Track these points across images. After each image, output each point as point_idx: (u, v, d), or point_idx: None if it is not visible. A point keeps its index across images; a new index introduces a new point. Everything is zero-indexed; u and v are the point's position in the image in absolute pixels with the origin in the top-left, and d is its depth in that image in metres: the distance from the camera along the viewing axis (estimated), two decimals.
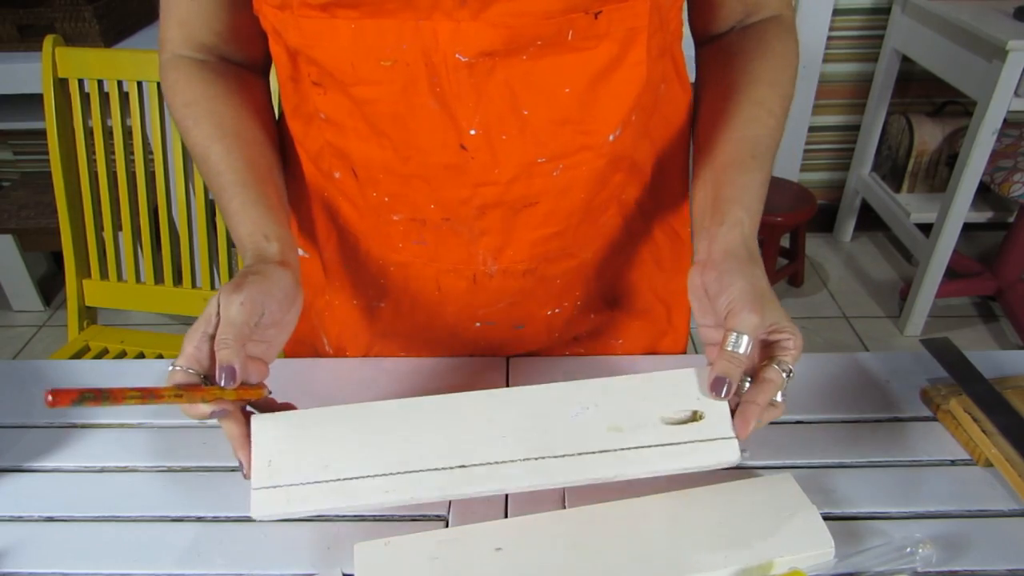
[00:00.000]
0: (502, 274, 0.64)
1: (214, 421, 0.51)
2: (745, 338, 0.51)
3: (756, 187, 0.58)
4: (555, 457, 0.51)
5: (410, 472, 0.50)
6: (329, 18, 0.52)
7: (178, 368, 0.49)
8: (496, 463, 0.51)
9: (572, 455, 0.51)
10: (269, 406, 0.54)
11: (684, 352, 0.81)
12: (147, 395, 0.46)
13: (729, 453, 0.51)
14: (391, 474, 0.50)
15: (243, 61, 0.66)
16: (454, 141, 0.56)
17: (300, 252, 0.69)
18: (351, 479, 0.50)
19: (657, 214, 0.72)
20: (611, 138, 0.58)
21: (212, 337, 0.50)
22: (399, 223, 0.62)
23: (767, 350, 0.54)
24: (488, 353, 0.74)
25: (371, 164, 0.59)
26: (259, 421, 0.51)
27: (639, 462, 0.51)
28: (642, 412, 0.53)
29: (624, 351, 0.78)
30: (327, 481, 0.50)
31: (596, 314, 0.75)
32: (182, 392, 0.47)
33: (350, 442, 0.51)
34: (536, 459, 0.51)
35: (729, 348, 0.51)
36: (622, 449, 0.51)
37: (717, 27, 0.67)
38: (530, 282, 0.66)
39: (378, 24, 0.51)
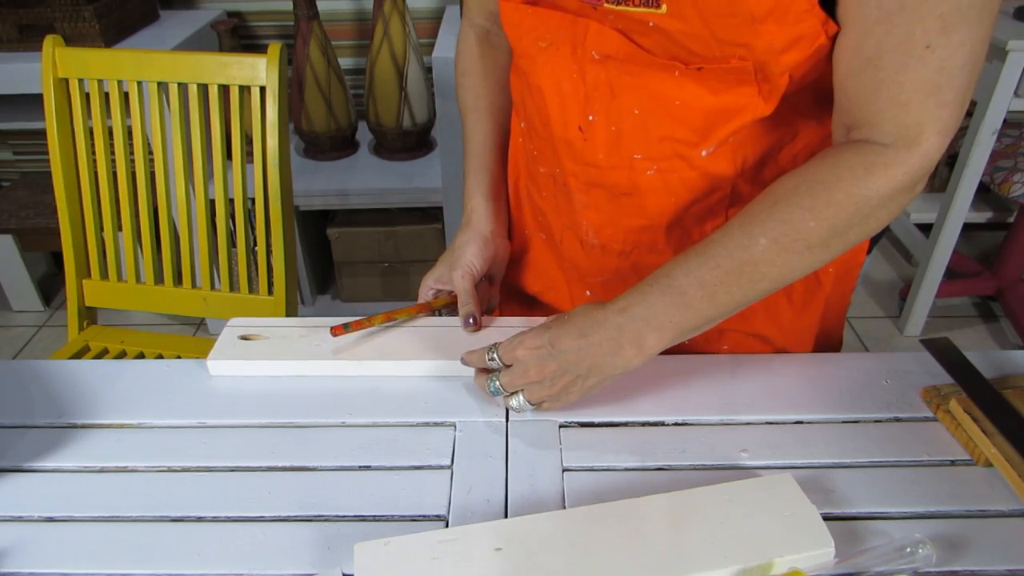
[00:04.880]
0: (601, 249, 0.73)
1: (213, 421, 0.66)
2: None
3: (667, 307, 0.58)
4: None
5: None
6: (516, 1, 0.65)
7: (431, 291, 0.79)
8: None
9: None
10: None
11: None
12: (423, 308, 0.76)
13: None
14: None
15: None
16: (575, 122, 0.66)
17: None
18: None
19: None
20: (703, 154, 0.62)
21: (443, 287, 0.79)
22: (543, 175, 0.74)
23: None
24: None
25: (531, 121, 0.71)
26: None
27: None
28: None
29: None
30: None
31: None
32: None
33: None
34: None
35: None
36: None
37: (832, 136, 0.60)
38: (626, 265, 0.73)
39: (541, 12, 0.64)
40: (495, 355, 0.63)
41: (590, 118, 0.64)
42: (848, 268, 0.74)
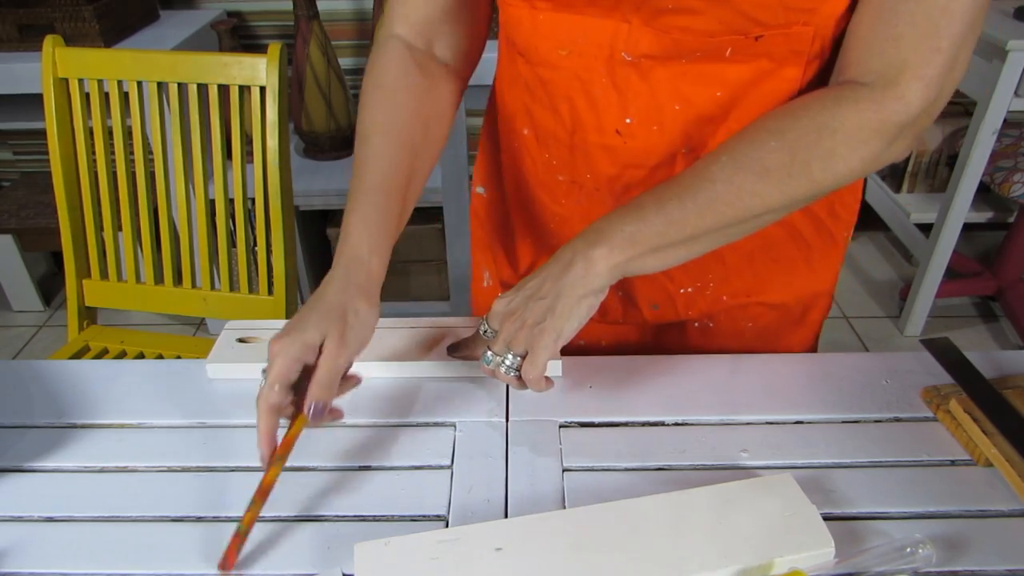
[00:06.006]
0: None
1: (214, 421, 0.65)
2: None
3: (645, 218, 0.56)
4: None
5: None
6: (527, 7, 0.61)
7: (275, 387, 0.54)
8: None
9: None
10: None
11: (813, 350, 0.83)
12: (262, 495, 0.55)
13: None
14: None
15: (452, 53, 0.72)
16: (611, 126, 0.63)
17: (479, 190, 0.84)
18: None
19: (813, 216, 0.72)
20: None
21: (307, 367, 0.56)
22: (563, 183, 0.71)
23: None
24: (628, 326, 0.78)
25: (547, 130, 0.68)
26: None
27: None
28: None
29: (751, 335, 0.78)
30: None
31: (730, 298, 0.76)
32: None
33: None
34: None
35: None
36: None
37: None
38: None
39: (559, 17, 0.60)
40: (486, 325, 0.61)
41: (627, 120, 0.62)
42: (848, 225, 0.75)
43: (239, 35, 1.96)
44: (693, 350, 0.79)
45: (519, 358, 0.58)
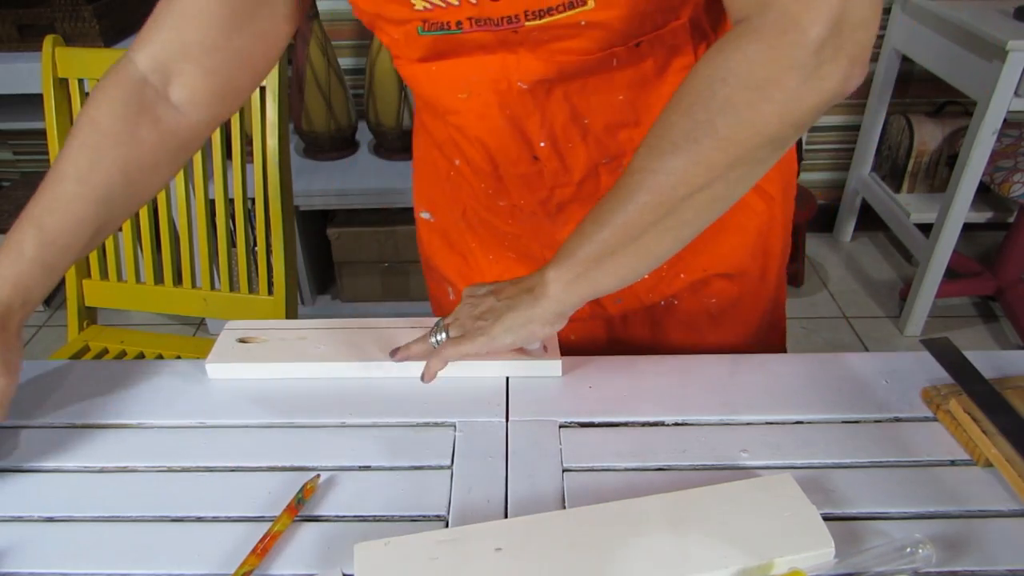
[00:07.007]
0: None
1: (213, 421, 0.66)
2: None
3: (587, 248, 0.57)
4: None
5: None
6: (419, 63, 0.62)
7: None
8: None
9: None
10: None
11: (782, 316, 0.86)
12: None
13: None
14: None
15: (190, 102, 0.65)
16: (527, 154, 0.65)
17: (425, 215, 0.86)
18: None
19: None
20: None
21: None
22: (504, 207, 0.73)
23: None
24: (595, 320, 0.80)
25: (476, 165, 0.69)
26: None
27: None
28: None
29: (717, 309, 0.79)
30: None
31: (687, 275, 0.76)
32: None
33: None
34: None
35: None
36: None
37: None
38: None
39: (450, 63, 0.61)
40: (441, 329, 0.65)
41: (542, 144, 0.64)
42: (784, 180, 0.77)
43: None
44: (663, 332, 0.80)
45: (447, 337, 0.62)
